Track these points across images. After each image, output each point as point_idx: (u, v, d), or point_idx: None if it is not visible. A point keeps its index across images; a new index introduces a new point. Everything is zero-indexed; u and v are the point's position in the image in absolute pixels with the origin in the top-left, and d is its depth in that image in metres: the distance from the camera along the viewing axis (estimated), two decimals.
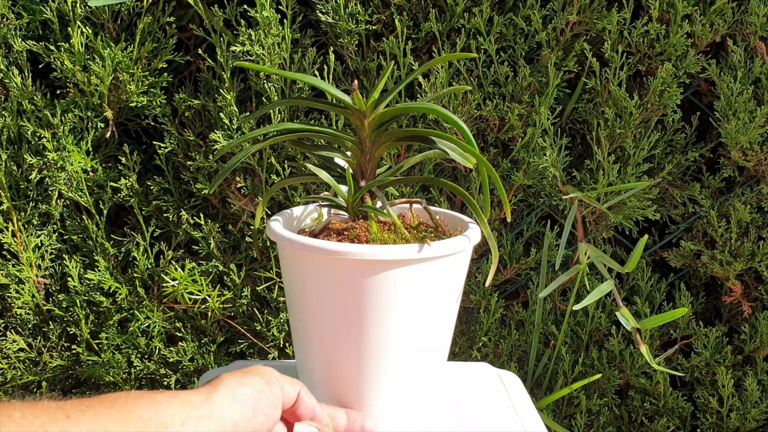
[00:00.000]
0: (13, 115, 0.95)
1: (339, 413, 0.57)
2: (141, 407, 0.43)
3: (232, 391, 0.47)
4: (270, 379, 0.50)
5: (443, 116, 0.56)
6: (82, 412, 0.41)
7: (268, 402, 0.49)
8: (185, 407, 0.45)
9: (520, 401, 0.70)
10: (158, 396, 0.45)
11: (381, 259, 0.52)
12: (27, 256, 0.98)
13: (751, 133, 0.93)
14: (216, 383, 0.48)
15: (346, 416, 0.57)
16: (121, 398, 0.43)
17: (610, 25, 0.92)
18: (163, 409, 0.44)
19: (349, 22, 0.91)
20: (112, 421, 0.42)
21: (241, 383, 0.48)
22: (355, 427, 0.57)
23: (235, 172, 0.95)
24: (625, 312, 0.81)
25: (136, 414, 0.43)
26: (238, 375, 0.49)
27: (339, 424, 0.56)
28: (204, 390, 0.47)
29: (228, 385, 0.48)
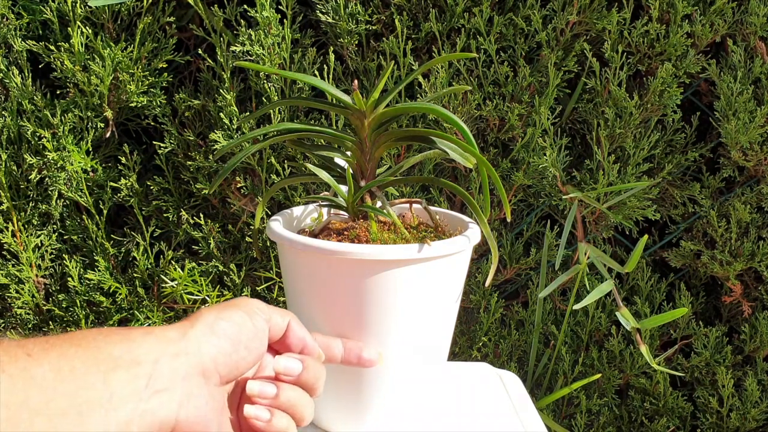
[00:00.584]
0: (13, 115, 0.95)
1: (335, 342, 0.54)
2: (111, 344, 0.41)
3: (210, 325, 0.45)
4: (252, 311, 0.48)
5: (443, 116, 0.56)
6: (45, 351, 0.38)
7: (249, 335, 0.47)
8: (160, 343, 0.42)
9: (520, 401, 0.70)
10: (131, 333, 0.42)
11: (381, 259, 0.52)
12: (27, 256, 0.98)
13: (751, 133, 0.93)
14: (194, 318, 0.46)
15: (342, 346, 0.54)
16: (90, 335, 0.41)
17: (610, 25, 0.92)
18: (136, 346, 0.41)
19: (349, 22, 0.91)
20: (80, 359, 0.39)
21: (219, 317, 0.46)
22: (352, 357, 0.54)
23: (235, 172, 0.95)
24: (625, 312, 0.81)
25: (106, 351, 0.40)
26: (216, 309, 0.47)
27: (334, 354, 0.54)
28: (180, 325, 0.45)
29: (206, 319, 0.45)
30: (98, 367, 0.39)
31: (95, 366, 0.39)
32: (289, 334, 0.50)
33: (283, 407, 0.47)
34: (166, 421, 0.41)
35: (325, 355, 0.53)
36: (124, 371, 0.40)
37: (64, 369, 0.38)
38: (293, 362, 0.49)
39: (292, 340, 0.50)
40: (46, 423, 0.36)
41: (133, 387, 0.40)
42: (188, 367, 0.43)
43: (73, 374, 0.38)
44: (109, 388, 0.39)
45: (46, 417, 0.36)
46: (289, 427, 0.47)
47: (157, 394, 0.41)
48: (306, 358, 0.49)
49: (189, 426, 0.42)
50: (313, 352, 0.51)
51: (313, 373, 0.49)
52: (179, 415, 0.42)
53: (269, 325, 0.49)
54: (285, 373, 0.48)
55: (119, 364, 0.40)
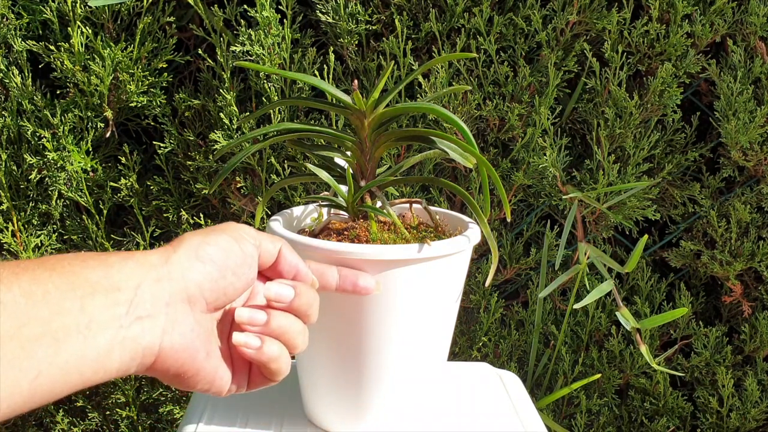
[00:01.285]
0: (13, 115, 0.95)
1: (329, 270, 0.52)
2: (89, 269, 0.38)
3: (194, 249, 0.42)
4: (240, 236, 0.45)
5: (443, 116, 0.56)
6: (15, 275, 0.35)
7: (237, 261, 0.44)
8: (141, 269, 0.40)
9: (520, 401, 0.70)
10: (110, 258, 0.39)
11: (381, 259, 0.52)
12: (27, 256, 0.98)
13: (751, 133, 0.93)
14: (177, 243, 0.43)
15: (337, 273, 0.52)
16: (66, 260, 0.38)
17: (610, 25, 0.92)
18: (116, 271, 0.39)
19: (349, 22, 0.91)
20: (54, 284, 0.36)
21: (204, 242, 0.43)
22: (347, 284, 0.52)
23: (235, 172, 0.95)
24: (625, 312, 0.81)
25: (83, 276, 0.37)
26: (202, 233, 0.44)
27: (329, 281, 0.51)
28: (163, 250, 0.42)
29: (190, 243, 0.43)
30: (74, 292, 0.36)
31: (71, 291, 0.36)
32: (281, 260, 0.48)
33: (274, 334, 0.45)
34: (149, 349, 0.39)
35: (319, 283, 0.51)
36: (102, 296, 0.37)
37: (36, 293, 0.35)
38: (285, 288, 0.46)
39: (283, 266, 0.48)
40: (19, 348, 0.34)
41: (113, 313, 0.38)
42: (172, 293, 0.41)
43: (46, 299, 0.35)
44: (86, 314, 0.37)
45: (18, 342, 0.34)
46: (281, 354, 0.45)
47: (138, 321, 0.39)
48: (298, 284, 0.47)
49: (174, 354, 0.41)
50: (306, 278, 0.49)
51: (306, 300, 0.47)
52: (163, 342, 0.40)
53: (259, 251, 0.46)
54: (276, 299, 0.46)
55: (97, 289, 0.37)
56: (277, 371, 0.46)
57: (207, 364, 0.43)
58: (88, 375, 0.37)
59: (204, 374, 0.43)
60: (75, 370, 0.36)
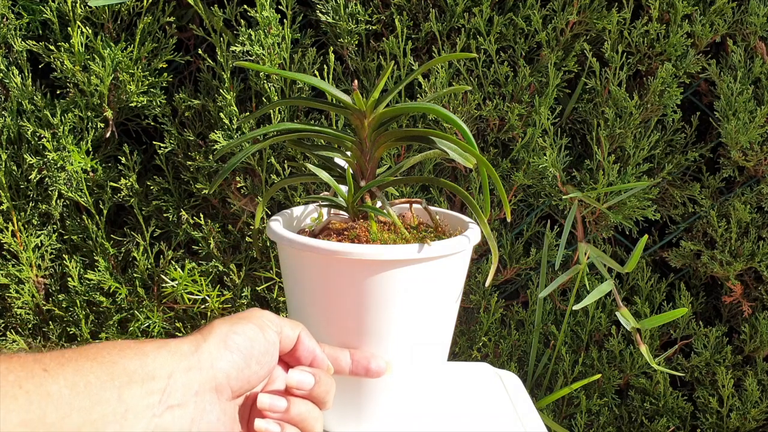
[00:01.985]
0: (13, 115, 0.95)
1: (342, 354, 0.54)
2: (126, 359, 0.41)
3: (223, 339, 0.45)
4: (264, 324, 0.48)
5: (443, 116, 0.56)
6: (61, 366, 0.38)
7: (261, 350, 0.47)
8: (173, 358, 0.42)
9: (520, 401, 0.70)
10: (145, 346, 0.42)
11: (381, 259, 0.52)
12: (27, 256, 0.98)
13: (751, 133, 0.93)
14: (207, 331, 0.46)
15: (350, 357, 0.55)
16: (105, 349, 0.41)
17: (610, 25, 0.92)
18: (150, 360, 0.42)
19: (349, 22, 0.91)
20: (95, 374, 0.39)
21: (232, 331, 0.46)
22: (359, 369, 0.55)
23: (235, 172, 0.95)
24: (625, 312, 0.81)
25: (121, 366, 0.40)
26: (229, 322, 0.47)
27: (342, 366, 0.54)
28: (193, 339, 0.45)
29: (219, 333, 0.45)
30: (113, 382, 0.39)
31: (110, 381, 0.39)
32: (299, 346, 0.50)
33: (293, 421, 0.48)
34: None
35: (333, 368, 0.53)
36: (138, 386, 0.40)
37: (79, 384, 0.38)
38: (306, 376, 0.49)
39: (302, 352, 0.51)
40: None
41: (147, 402, 0.40)
42: (201, 382, 0.43)
43: (88, 389, 0.38)
44: (123, 404, 0.39)
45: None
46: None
47: (170, 410, 0.41)
48: (318, 372, 0.50)
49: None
50: (323, 364, 0.52)
51: (324, 387, 0.49)
52: (191, 430, 0.42)
53: (280, 337, 0.49)
54: (298, 387, 0.48)
55: (134, 378, 0.40)
56: None
57: None
58: None
59: None
60: None
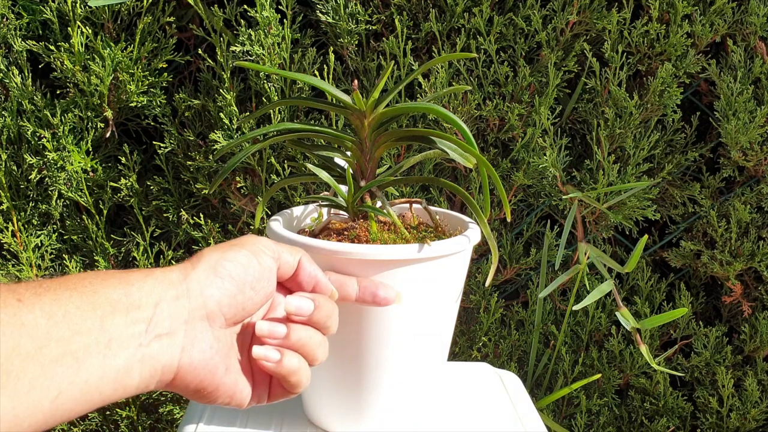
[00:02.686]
0: (13, 115, 0.95)
1: (349, 281, 0.52)
2: (109, 288, 0.39)
3: (213, 266, 0.43)
4: (258, 250, 0.46)
5: (443, 116, 0.56)
6: (38, 296, 0.36)
7: (256, 275, 0.45)
8: (161, 286, 0.40)
9: (520, 401, 0.70)
10: (130, 275, 0.40)
11: (381, 259, 0.52)
12: (27, 256, 0.98)
13: (751, 133, 0.93)
14: (196, 259, 0.44)
15: (357, 284, 0.52)
16: (87, 278, 0.39)
17: (610, 25, 0.92)
18: (136, 289, 0.39)
19: (349, 22, 0.91)
20: (74, 303, 0.37)
21: (223, 258, 0.44)
22: (366, 295, 0.52)
23: (234, 172, 0.95)
24: (625, 312, 0.81)
25: (104, 295, 0.38)
26: (221, 249, 0.45)
27: (348, 292, 0.51)
28: (182, 267, 0.43)
29: (209, 260, 0.43)
30: (94, 312, 0.37)
31: (91, 310, 0.37)
32: (300, 271, 0.48)
33: (294, 347, 0.46)
34: (169, 366, 0.40)
35: (338, 293, 0.51)
36: (122, 315, 0.38)
37: (57, 314, 0.36)
38: (305, 301, 0.46)
39: (303, 277, 0.49)
40: (40, 369, 0.35)
41: (132, 331, 0.38)
42: (191, 310, 0.41)
43: (67, 319, 0.36)
44: (106, 333, 0.37)
45: (39, 363, 0.35)
46: (300, 366, 0.46)
47: (158, 339, 0.39)
48: (318, 297, 0.47)
49: (193, 370, 0.41)
50: (326, 289, 0.49)
51: (326, 312, 0.47)
52: (182, 359, 0.41)
53: (278, 263, 0.47)
54: (296, 313, 0.46)
55: (117, 307, 0.38)
56: (297, 384, 0.46)
57: (227, 379, 0.44)
58: (107, 393, 0.38)
59: (224, 389, 0.44)
60: (95, 389, 0.37)
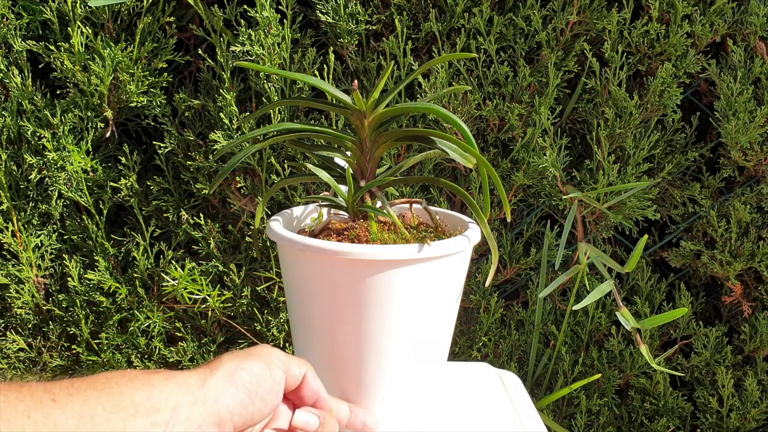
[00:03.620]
0: (13, 115, 0.95)
1: (342, 405, 0.56)
2: (133, 390, 0.42)
3: (229, 375, 0.46)
4: (272, 362, 0.49)
5: (443, 116, 0.56)
6: (70, 396, 0.40)
7: (267, 388, 0.48)
8: (180, 390, 0.44)
9: (520, 401, 0.70)
10: (153, 377, 0.44)
11: (381, 259, 0.52)
12: (27, 256, 0.98)
13: (751, 133, 0.93)
14: (215, 366, 0.47)
15: (348, 410, 0.56)
16: (114, 379, 0.42)
17: (610, 25, 0.92)
18: (157, 392, 0.43)
19: (349, 22, 0.91)
20: (102, 405, 0.40)
21: (240, 367, 0.47)
22: (357, 422, 0.56)
23: (235, 172, 0.95)
24: (625, 312, 0.81)
25: (128, 397, 0.41)
26: (238, 358, 0.48)
27: (341, 416, 0.55)
28: (201, 372, 0.46)
29: (226, 369, 0.46)
30: (119, 414, 0.41)
31: (116, 413, 0.40)
32: (304, 386, 0.51)
33: None
34: None
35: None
36: (143, 418, 0.41)
37: (86, 415, 0.39)
38: (311, 417, 0.51)
39: (306, 392, 0.52)
40: None
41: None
42: (205, 416, 0.44)
43: (94, 420, 0.39)
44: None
45: None
46: None
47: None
48: (323, 413, 0.51)
49: None
50: (326, 405, 0.53)
51: (329, 429, 0.51)
52: None
53: (286, 375, 0.50)
54: (303, 427, 0.50)
55: (139, 410, 0.41)
56: None
57: None
58: None
59: None
60: None
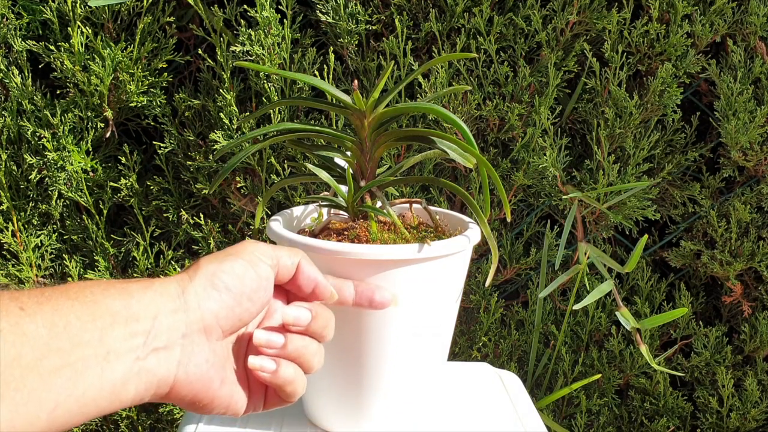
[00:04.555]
0: (13, 115, 0.95)
1: (346, 285, 0.52)
2: (110, 298, 0.39)
3: (210, 279, 0.43)
4: (255, 258, 0.45)
5: (443, 116, 0.56)
6: (39, 304, 0.36)
7: (252, 286, 0.45)
8: (160, 299, 0.41)
9: (520, 401, 0.70)
10: (130, 286, 0.40)
11: (381, 259, 0.52)
12: (27, 256, 0.98)
13: (751, 133, 0.93)
14: (193, 271, 0.44)
15: (353, 289, 0.52)
16: (89, 287, 0.39)
17: (610, 25, 0.92)
18: (135, 301, 0.40)
19: (349, 22, 0.91)
20: (75, 314, 0.37)
21: (220, 269, 0.44)
22: (363, 299, 0.52)
23: (234, 172, 0.95)
24: (625, 312, 0.81)
25: (104, 306, 0.38)
26: (217, 259, 0.45)
27: (345, 297, 0.52)
28: (179, 278, 0.43)
29: (205, 272, 0.43)
30: (94, 323, 0.37)
31: (91, 322, 0.37)
32: (300, 274, 0.48)
33: (290, 357, 0.46)
34: (164, 380, 0.40)
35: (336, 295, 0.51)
36: (121, 327, 0.38)
37: (58, 324, 0.36)
38: (302, 312, 0.47)
39: (302, 280, 0.48)
40: (39, 380, 0.35)
41: (131, 344, 0.39)
42: (188, 324, 0.42)
43: (67, 330, 0.36)
44: (105, 345, 0.37)
45: (39, 374, 0.35)
46: (296, 376, 0.46)
47: (155, 352, 0.40)
48: (315, 306, 0.47)
49: (189, 384, 0.42)
50: (325, 291, 0.49)
51: (322, 322, 0.47)
52: (178, 373, 0.41)
53: (276, 269, 0.47)
54: (294, 323, 0.46)
55: (117, 319, 0.38)
56: (293, 393, 0.47)
57: (222, 392, 0.44)
58: (103, 405, 0.38)
59: (219, 401, 0.44)
60: (92, 401, 0.37)
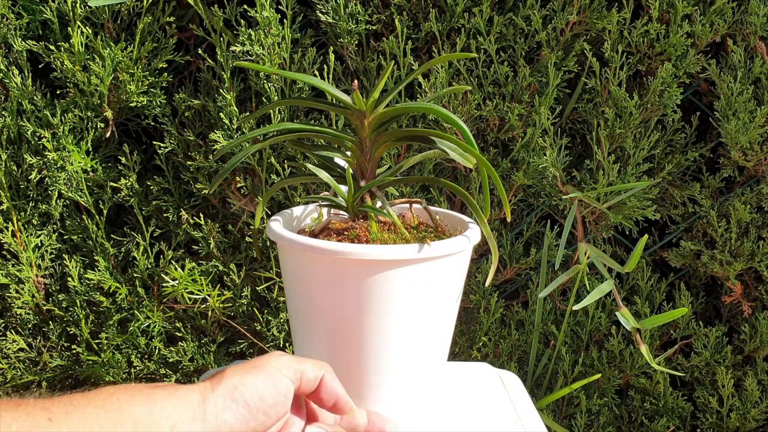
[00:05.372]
0: (13, 115, 0.95)
1: (360, 412, 0.56)
2: (134, 406, 0.42)
3: (230, 391, 0.46)
4: (276, 374, 0.49)
5: (443, 116, 0.56)
6: (67, 414, 0.40)
7: (270, 402, 0.48)
8: (181, 406, 0.44)
9: (520, 401, 0.70)
10: (155, 393, 0.44)
11: (381, 259, 0.52)
12: (27, 256, 0.98)
13: (751, 133, 0.93)
14: (216, 381, 0.47)
15: (366, 416, 0.56)
16: (115, 395, 0.42)
17: (610, 25, 0.92)
18: (158, 408, 0.43)
19: (349, 22, 0.91)
20: (99, 423, 0.40)
21: (241, 383, 0.47)
22: (374, 429, 0.56)
23: (234, 172, 0.95)
24: (625, 312, 0.81)
25: (128, 413, 0.42)
26: (241, 372, 0.48)
27: (358, 422, 0.55)
28: (203, 387, 0.46)
29: (227, 384, 0.47)
30: (116, 430, 0.41)
31: (114, 429, 0.41)
32: (322, 388, 0.51)
33: None
34: None
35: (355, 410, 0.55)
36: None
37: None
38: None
39: (324, 394, 0.52)
40: None
41: None
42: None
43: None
44: None
45: None
46: None
47: None
48: (335, 428, 0.52)
49: None
50: (346, 407, 0.53)
51: None
52: None
53: (299, 382, 0.50)
54: None
55: (138, 427, 0.42)
56: None
57: None
58: None
59: None
60: None
